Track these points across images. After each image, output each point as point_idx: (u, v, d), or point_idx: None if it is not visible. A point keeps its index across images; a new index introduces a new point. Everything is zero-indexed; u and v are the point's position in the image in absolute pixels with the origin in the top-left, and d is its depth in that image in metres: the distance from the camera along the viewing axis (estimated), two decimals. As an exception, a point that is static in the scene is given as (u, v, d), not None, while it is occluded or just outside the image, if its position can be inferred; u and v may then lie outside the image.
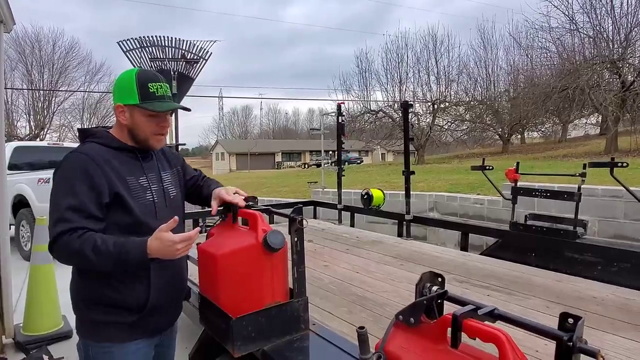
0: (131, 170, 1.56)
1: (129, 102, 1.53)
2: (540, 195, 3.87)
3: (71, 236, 1.39)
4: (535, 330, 0.85)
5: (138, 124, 1.56)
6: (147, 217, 1.54)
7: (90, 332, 1.56)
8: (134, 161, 1.60)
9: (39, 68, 27.94)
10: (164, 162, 1.73)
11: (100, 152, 1.51)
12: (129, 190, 1.52)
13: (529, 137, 29.77)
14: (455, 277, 2.99)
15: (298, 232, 1.78)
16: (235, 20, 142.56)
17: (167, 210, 1.62)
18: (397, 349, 0.96)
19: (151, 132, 1.58)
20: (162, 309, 1.62)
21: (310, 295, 1.94)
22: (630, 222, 5.74)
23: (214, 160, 56.30)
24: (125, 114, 1.55)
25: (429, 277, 1.06)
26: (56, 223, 1.41)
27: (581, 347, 0.77)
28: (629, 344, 1.94)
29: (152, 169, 1.64)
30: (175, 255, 1.41)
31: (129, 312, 1.53)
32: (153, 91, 1.53)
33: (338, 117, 5.58)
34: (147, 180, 1.59)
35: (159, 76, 1.60)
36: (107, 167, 1.49)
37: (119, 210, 1.49)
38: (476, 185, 9.33)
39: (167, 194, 1.67)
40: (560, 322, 0.82)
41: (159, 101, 1.54)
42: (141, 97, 1.52)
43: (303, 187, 13.94)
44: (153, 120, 1.56)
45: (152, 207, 1.57)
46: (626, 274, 2.94)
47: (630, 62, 15.46)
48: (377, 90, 25.42)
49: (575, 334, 0.78)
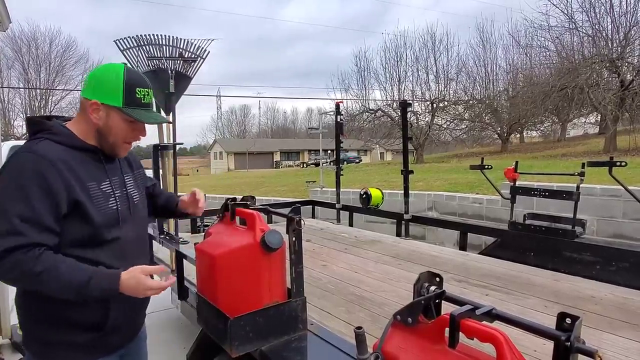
0: (92, 175, 1.38)
1: (110, 102, 1.37)
2: (539, 194, 3.88)
3: (26, 255, 1.19)
4: (533, 330, 0.84)
5: (112, 128, 1.39)
6: (109, 227, 1.38)
7: (39, 352, 1.38)
8: (96, 163, 1.41)
9: (35, 67, 27.83)
10: (125, 165, 1.57)
11: (57, 153, 1.31)
12: (90, 198, 1.34)
13: (528, 136, 29.80)
14: (454, 276, 2.99)
15: (296, 231, 1.78)
16: (234, 20, 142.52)
17: (131, 217, 1.49)
18: (395, 349, 0.96)
19: (123, 139, 1.43)
20: (123, 327, 1.47)
21: (308, 295, 1.94)
22: (629, 222, 5.75)
23: (212, 160, 56.32)
24: (100, 112, 1.37)
25: (426, 276, 1.06)
26: (4, 236, 1.19)
27: (579, 347, 0.77)
28: (627, 344, 1.94)
29: (114, 171, 1.48)
30: (141, 296, 1.33)
31: (83, 332, 1.36)
32: (140, 97, 1.40)
33: (336, 116, 5.58)
34: (110, 186, 1.42)
35: (147, 81, 1.46)
36: (66, 171, 1.29)
37: (77, 221, 1.31)
38: (475, 185, 9.33)
39: (131, 200, 1.51)
40: (558, 322, 0.82)
41: (144, 110, 1.42)
42: (126, 101, 1.37)
43: (301, 186, 13.94)
44: (130, 127, 1.42)
45: (116, 215, 1.41)
46: (625, 273, 2.95)
47: (629, 61, 15.46)
48: (376, 89, 25.39)
49: (573, 334, 0.77)
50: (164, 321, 3.82)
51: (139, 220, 1.56)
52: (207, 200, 1.86)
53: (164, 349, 3.25)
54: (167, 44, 3.44)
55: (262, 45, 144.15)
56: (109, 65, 1.42)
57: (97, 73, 1.41)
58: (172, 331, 3.80)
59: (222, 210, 1.94)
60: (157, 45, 3.41)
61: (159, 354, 2.00)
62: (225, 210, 1.92)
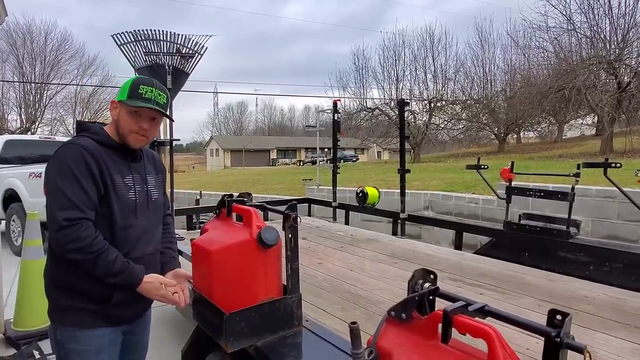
0: (118, 169, 1.61)
1: (120, 98, 1.62)
2: (534, 195, 3.89)
3: (86, 232, 1.45)
4: (524, 327, 0.85)
5: (121, 120, 1.63)
6: (127, 215, 1.61)
7: (57, 316, 1.60)
8: (122, 160, 1.65)
9: (30, 60, 27.52)
10: (150, 167, 1.79)
11: (95, 147, 1.56)
12: (115, 187, 1.57)
13: (525, 137, 29.87)
14: (449, 275, 3.01)
15: (292, 228, 1.79)
16: (234, 17, 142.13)
17: (148, 211, 1.70)
18: (389, 344, 0.97)
19: (130, 129, 1.63)
20: (128, 303, 1.64)
21: (304, 293, 1.95)
22: (623, 223, 5.78)
23: (208, 157, 56.10)
24: (116, 109, 1.64)
25: (421, 274, 1.07)
26: (66, 208, 1.44)
27: (568, 343, 0.78)
28: (619, 343, 1.95)
29: (138, 170, 1.70)
30: (149, 297, 1.61)
31: (91, 301, 1.57)
32: (141, 92, 1.61)
33: (334, 114, 5.57)
34: (132, 180, 1.65)
35: (155, 83, 1.67)
36: (101, 163, 1.54)
37: (104, 207, 1.55)
38: (471, 185, 9.36)
39: (150, 196, 1.72)
40: (549, 319, 0.83)
41: (141, 101, 1.61)
42: (129, 94, 1.60)
43: (298, 184, 13.93)
44: (134, 118, 1.62)
45: (133, 205, 1.63)
46: (618, 274, 2.97)
47: (627, 63, 15.51)
48: (374, 87, 25.36)
49: (563, 330, 0.79)
50: (158, 318, 3.82)
51: (155, 216, 1.76)
52: (202, 197, 1.86)
53: (159, 346, 3.25)
54: (164, 40, 3.43)
55: (260, 42, 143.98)
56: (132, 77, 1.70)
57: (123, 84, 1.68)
58: (166, 328, 3.80)
59: (219, 206, 1.94)
60: (155, 41, 3.40)
61: (154, 350, 2.01)
62: (222, 207, 1.93)
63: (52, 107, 28.57)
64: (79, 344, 1.57)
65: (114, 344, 1.66)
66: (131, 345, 1.77)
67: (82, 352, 1.58)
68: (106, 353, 1.62)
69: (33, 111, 27.42)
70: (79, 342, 1.57)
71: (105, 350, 1.62)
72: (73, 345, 1.58)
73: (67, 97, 29.24)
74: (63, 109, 29.14)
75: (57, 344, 1.61)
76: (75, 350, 1.58)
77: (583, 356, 0.75)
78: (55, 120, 28.59)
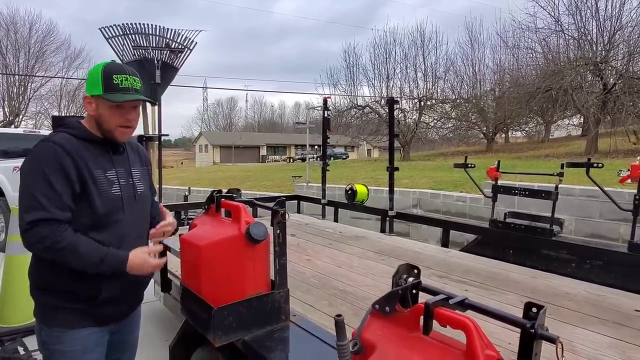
0: (99, 163, 1.56)
1: (94, 92, 1.55)
2: (519, 193, 3.96)
3: (50, 230, 1.41)
4: (502, 319, 0.89)
5: (103, 115, 1.56)
6: (113, 211, 1.57)
7: (43, 316, 1.58)
8: (104, 154, 1.60)
9: (14, 52, 26.64)
10: (135, 158, 1.74)
11: (71, 143, 1.51)
12: (96, 184, 1.52)
13: (513, 136, 30.21)
14: (436, 272, 3.05)
15: (280, 224, 1.81)
16: (224, 11, 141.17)
17: (135, 205, 1.66)
18: (373, 336, 1.00)
19: (116, 124, 1.58)
20: (116, 302, 1.63)
21: (292, 289, 1.98)
22: (605, 222, 5.90)
23: (197, 152, 55.62)
24: (92, 105, 1.57)
25: (405, 269, 1.10)
26: (31, 210, 1.42)
27: (542, 334, 0.82)
28: (597, 338, 2.02)
29: (122, 163, 1.65)
30: (143, 273, 1.58)
31: (78, 300, 1.55)
32: (117, 82, 1.54)
33: (324, 112, 5.59)
34: (115, 174, 1.60)
35: (126, 68, 1.60)
36: (78, 159, 1.49)
37: (84, 203, 1.50)
38: (459, 183, 9.45)
39: (136, 189, 1.67)
40: (525, 311, 0.87)
41: (122, 93, 1.54)
42: (104, 88, 1.53)
43: (287, 181, 13.93)
44: (117, 111, 1.56)
45: (119, 201, 1.59)
46: (598, 271, 3.04)
47: (613, 65, 15.75)
48: (365, 85, 25.55)
49: (537, 322, 0.82)
50: (146, 314, 3.77)
51: (142, 209, 1.71)
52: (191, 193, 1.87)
53: (146, 342, 3.23)
54: (153, 34, 3.40)
55: (251, 38, 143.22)
56: (97, 64, 1.60)
57: (89, 72, 1.60)
58: (154, 324, 3.80)
59: (207, 202, 1.96)
60: (144, 35, 3.38)
61: (142, 346, 2.01)
62: (211, 202, 1.94)
63: (36, 100, 27.76)
64: (65, 344, 1.56)
65: (100, 343, 1.64)
66: (119, 345, 1.76)
67: (67, 352, 1.56)
68: (92, 353, 1.61)
69: (17, 104, 26.64)
70: (64, 343, 1.55)
71: (92, 350, 1.60)
72: (58, 345, 1.56)
73: (52, 90, 28.48)
74: (48, 102, 28.37)
75: (42, 344, 1.60)
76: (61, 350, 1.56)
77: (555, 346, 0.79)
78: (40, 113, 27.76)
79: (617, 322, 2.19)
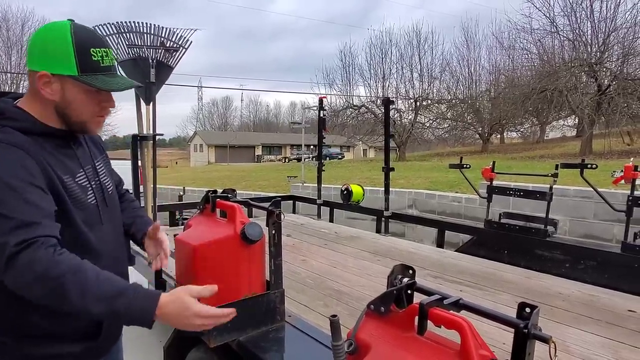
0: (66, 167, 1.17)
1: (62, 71, 1.10)
2: (514, 194, 3.99)
3: (41, 251, 0.98)
4: (495, 319, 0.90)
5: (71, 103, 1.14)
6: (91, 225, 1.21)
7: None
8: (66, 150, 1.20)
9: (6, 49, 26.39)
10: (93, 147, 1.34)
11: (26, 143, 1.09)
12: (69, 194, 1.15)
13: (508, 137, 30.35)
14: (431, 272, 3.06)
15: (276, 224, 1.81)
16: (220, 11, 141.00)
17: (109, 211, 1.30)
18: (368, 336, 1.01)
19: (92, 113, 1.19)
20: (115, 334, 1.38)
21: (287, 289, 1.98)
22: (599, 222, 5.94)
23: (192, 152, 55.43)
24: (53, 85, 1.12)
25: (400, 269, 1.10)
26: (10, 232, 0.97)
27: (535, 334, 0.82)
28: (590, 338, 2.03)
29: (86, 159, 1.27)
30: (187, 329, 1.10)
31: (74, 342, 1.19)
32: (97, 60, 1.13)
33: (319, 111, 5.59)
34: (85, 177, 1.22)
35: (102, 38, 1.21)
36: (44, 164, 1.09)
37: (62, 224, 1.09)
38: (455, 184, 9.50)
39: (106, 190, 1.31)
40: (519, 311, 0.88)
41: (106, 75, 1.15)
42: (81, 66, 1.11)
43: (283, 181, 13.93)
44: (94, 98, 1.17)
45: (96, 211, 1.23)
46: (592, 271, 3.06)
47: (607, 67, 15.89)
48: (360, 85, 25.58)
49: (530, 322, 0.83)
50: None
51: (114, 212, 1.35)
52: (185, 193, 1.84)
53: (140, 343, 3.24)
54: (148, 32, 3.38)
55: (247, 37, 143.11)
56: (52, 24, 1.14)
57: (39, 36, 1.14)
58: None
59: (202, 202, 1.95)
60: (138, 33, 3.35)
61: (136, 348, 1.99)
62: (205, 202, 1.94)
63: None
64: None
65: None
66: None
67: None
68: None
69: (8, 102, 26.62)
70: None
71: None
72: None
73: None
74: None
75: None
76: None
77: (548, 346, 0.80)
78: None
79: (610, 322, 2.21)
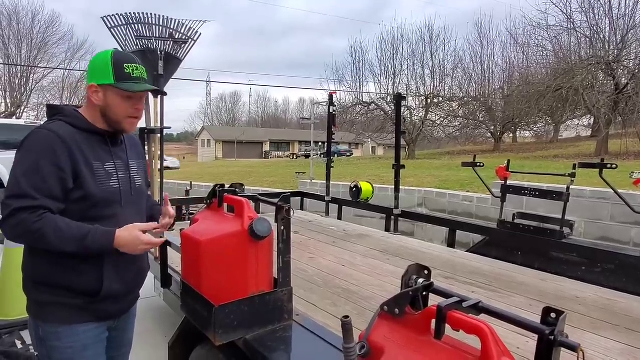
0: (98, 155, 1.53)
1: (104, 81, 1.50)
2: (529, 194, 3.89)
3: (31, 215, 1.35)
4: (518, 324, 0.84)
5: (112, 105, 1.52)
6: (111, 205, 1.53)
7: (38, 312, 1.52)
8: (102, 145, 1.56)
9: (16, 42, 26.48)
10: (133, 151, 1.71)
11: (67, 132, 1.47)
12: (94, 175, 1.48)
13: (521, 136, 29.94)
14: (442, 273, 3.00)
15: (285, 220, 1.76)
16: (230, 7, 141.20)
17: (132, 199, 1.62)
18: (381, 339, 0.95)
19: (125, 114, 1.55)
20: (115, 298, 1.58)
21: (295, 287, 1.93)
22: (616, 225, 5.81)
23: (199, 147, 55.43)
24: (99, 94, 1.52)
25: (415, 269, 1.05)
26: (15, 198, 1.36)
27: (562, 341, 0.77)
28: (608, 343, 1.95)
29: (120, 155, 1.62)
30: (135, 252, 1.49)
31: (78, 295, 1.50)
32: (129, 72, 1.51)
33: (329, 107, 5.52)
34: (113, 166, 1.56)
35: (135, 58, 1.58)
36: (75, 149, 1.45)
37: (78, 196, 1.45)
38: (466, 183, 9.37)
39: (134, 182, 1.64)
40: (543, 317, 0.82)
41: (134, 82, 1.52)
42: (116, 77, 1.49)
43: (291, 177, 13.91)
44: (128, 101, 1.54)
45: (118, 194, 1.55)
46: (609, 275, 2.97)
47: (625, 65, 15.53)
48: (370, 81, 25.32)
49: (557, 328, 0.77)
50: (145, 310, 3.77)
51: (138, 203, 1.68)
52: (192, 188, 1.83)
53: (145, 338, 3.22)
54: (157, 24, 3.33)
55: (257, 34, 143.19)
56: (101, 51, 1.57)
57: (92, 60, 1.56)
58: (153, 320, 3.77)
59: (210, 196, 1.91)
60: (147, 25, 3.30)
61: (140, 343, 1.97)
62: (213, 197, 1.90)
63: (38, 91, 27.49)
64: (64, 340, 1.50)
65: (100, 340, 1.60)
66: (116, 342, 1.71)
67: (66, 349, 1.51)
68: (92, 349, 1.56)
69: (18, 95, 26.41)
70: (63, 339, 1.50)
71: (91, 346, 1.56)
72: (57, 342, 1.51)
73: (55, 82, 28.11)
74: (50, 94, 27.86)
75: (39, 341, 1.54)
76: (60, 347, 1.51)
77: (576, 355, 0.74)
78: (41, 104, 27.26)
79: (628, 328, 2.13)
